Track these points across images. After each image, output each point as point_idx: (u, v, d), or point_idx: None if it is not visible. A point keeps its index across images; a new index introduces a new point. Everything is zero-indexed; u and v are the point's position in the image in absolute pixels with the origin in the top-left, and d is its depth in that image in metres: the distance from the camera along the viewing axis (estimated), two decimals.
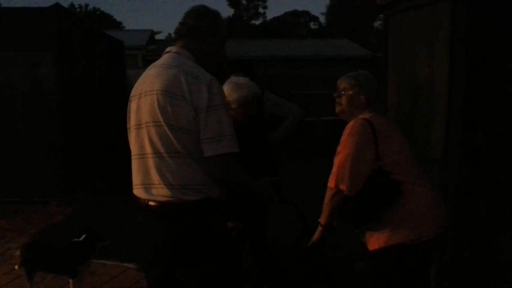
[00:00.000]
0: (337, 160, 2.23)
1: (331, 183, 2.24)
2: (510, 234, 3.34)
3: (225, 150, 1.86)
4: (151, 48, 17.48)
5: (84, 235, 3.23)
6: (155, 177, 1.93)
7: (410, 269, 2.25)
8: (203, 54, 2.07)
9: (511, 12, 3.01)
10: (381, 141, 2.19)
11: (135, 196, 2.04)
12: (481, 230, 3.24)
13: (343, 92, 2.39)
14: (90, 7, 44.44)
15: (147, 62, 15.68)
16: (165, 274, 2.05)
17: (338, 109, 2.44)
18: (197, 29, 2.05)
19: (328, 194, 2.28)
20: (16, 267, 3.28)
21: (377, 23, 34.07)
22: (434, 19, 3.29)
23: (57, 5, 6.18)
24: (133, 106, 2.04)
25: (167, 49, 2.09)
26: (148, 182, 1.96)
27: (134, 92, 2.06)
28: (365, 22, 34.13)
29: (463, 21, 3.05)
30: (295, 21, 47.56)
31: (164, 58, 2.05)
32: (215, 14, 2.11)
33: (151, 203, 1.96)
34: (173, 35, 2.19)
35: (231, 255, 2.14)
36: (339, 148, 2.24)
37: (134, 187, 2.05)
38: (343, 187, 2.19)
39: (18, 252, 3.28)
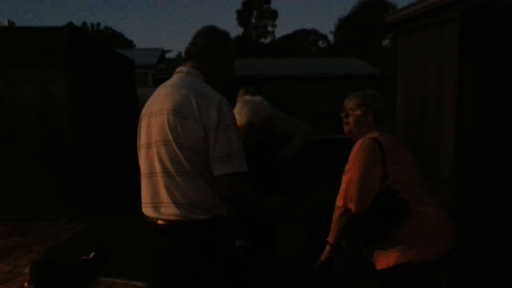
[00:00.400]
0: (345, 179, 2.24)
1: (339, 202, 2.25)
2: None
3: (234, 169, 1.89)
4: (161, 66, 17.64)
5: (93, 253, 3.24)
6: (164, 196, 1.95)
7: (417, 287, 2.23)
8: (213, 74, 2.10)
9: None
10: (389, 160, 2.19)
11: (144, 215, 2.07)
12: (491, 248, 3.21)
13: (350, 112, 2.41)
14: (102, 26, 45.27)
15: (157, 81, 15.82)
16: None
17: (346, 129, 2.46)
18: (207, 49, 2.09)
19: (336, 213, 2.28)
20: (26, 284, 3.28)
21: (385, 42, 34.23)
22: (443, 38, 3.32)
23: (70, 24, 6.31)
24: (143, 125, 2.08)
25: (178, 69, 2.12)
26: (157, 201, 1.98)
27: (145, 111, 2.09)
28: (373, 40, 34.30)
29: (472, 40, 3.08)
30: (304, 39, 47.91)
31: (175, 78, 2.09)
32: (224, 34, 2.15)
33: (160, 221, 1.98)
34: (183, 55, 2.23)
35: (239, 274, 2.14)
36: (347, 167, 2.25)
37: (143, 205, 2.07)
38: (351, 206, 2.20)
39: (27, 270, 3.28)
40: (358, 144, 2.26)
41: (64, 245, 5.16)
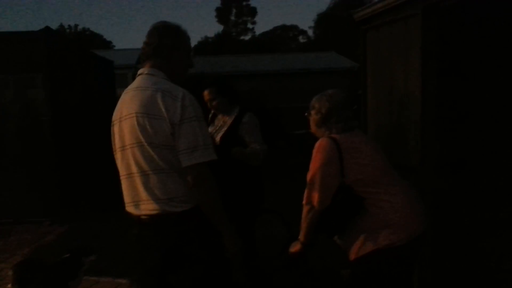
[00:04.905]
0: (307, 178, 2.36)
1: (304, 200, 2.37)
2: (491, 239, 3.46)
3: (199, 159, 1.98)
4: (140, 66, 17.57)
5: (70, 251, 3.32)
6: (143, 194, 2.05)
7: (388, 272, 2.34)
8: (172, 69, 2.19)
9: (477, 25, 3.17)
10: (346, 157, 2.31)
11: (127, 213, 2.17)
12: (460, 236, 3.35)
13: (310, 113, 2.55)
14: (80, 27, 44.73)
15: None
16: (160, 282, 2.15)
17: (310, 127, 2.60)
18: (162, 47, 2.16)
19: (304, 211, 2.40)
20: (9, 286, 3.33)
21: None
22: (407, 33, 3.46)
23: (47, 28, 6.32)
24: (115, 129, 2.17)
25: (139, 72, 2.21)
26: (137, 199, 2.08)
27: (115, 116, 2.19)
28: (352, 34, 34.55)
29: (434, 35, 3.22)
30: (284, 35, 48.03)
31: (138, 81, 2.17)
32: (176, 29, 2.22)
33: (143, 217, 2.08)
34: (141, 56, 2.29)
35: (219, 262, 2.24)
36: (310, 166, 2.37)
37: (126, 205, 2.17)
38: (314, 202, 2.32)
39: (11, 272, 3.33)
40: (317, 144, 2.38)
41: (47, 247, 5.20)
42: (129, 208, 2.14)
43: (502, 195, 3.31)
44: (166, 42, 2.17)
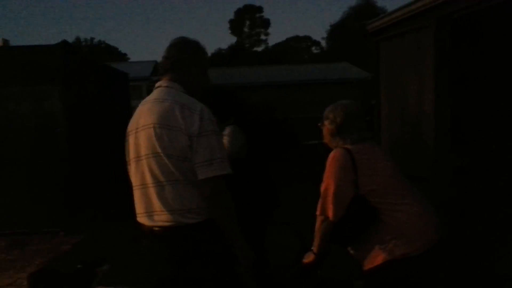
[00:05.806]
0: (321, 189, 2.35)
1: (318, 211, 2.36)
2: (501, 247, 3.41)
3: (216, 172, 1.98)
4: (155, 78, 17.77)
5: (83, 262, 3.34)
6: (157, 205, 2.04)
7: (402, 283, 2.33)
8: (190, 83, 2.20)
9: (489, 34, 3.17)
10: (360, 167, 2.29)
11: (139, 223, 2.16)
12: (471, 243, 3.31)
13: (324, 124, 2.52)
14: (96, 40, 45.46)
15: (151, 93, 15.91)
16: None
17: (324, 138, 2.58)
18: (181, 61, 2.19)
19: (317, 222, 2.39)
20: None
21: None
22: (419, 44, 3.46)
23: (63, 42, 6.45)
24: (131, 140, 2.17)
25: (157, 84, 2.23)
26: (150, 210, 2.08)
27: (131, 127, 2.19)
28: (365, 45, 34.48)
29: (446, 45, 3.22)
30: (297, 46, 48.27)
31: (156, 93, 2.19)
32: (195, 44, 2.25)
33: (155, 228, 2.07)
34: (159, 69, 2.30)
35: (232, 274, 2.23)
36: (324, 177, 2.36)
37: (137, 215, 2.16)
38: (328, 213, 2.31)
39: (26, 282, 3.36)
40: (331, 155, 2.36)
41: (62, 257, 5.25)
42: (141, 219, 2.14)
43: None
44: (185, 57, 2.19)
